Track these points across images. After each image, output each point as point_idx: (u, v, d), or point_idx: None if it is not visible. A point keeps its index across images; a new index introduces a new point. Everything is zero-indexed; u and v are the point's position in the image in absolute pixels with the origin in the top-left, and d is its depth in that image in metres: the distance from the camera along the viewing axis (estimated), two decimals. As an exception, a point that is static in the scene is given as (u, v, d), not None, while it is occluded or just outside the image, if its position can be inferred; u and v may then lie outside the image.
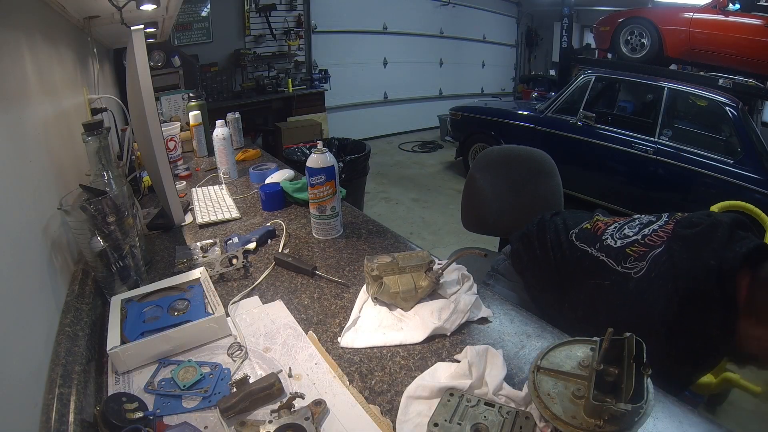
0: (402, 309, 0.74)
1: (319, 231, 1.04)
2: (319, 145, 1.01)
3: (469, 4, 6.73)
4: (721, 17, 3.72)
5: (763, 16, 3.50)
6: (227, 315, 0.74)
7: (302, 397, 0.55)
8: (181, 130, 1.79)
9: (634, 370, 0.47)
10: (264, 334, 0.71)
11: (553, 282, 0.92)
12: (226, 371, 0.62)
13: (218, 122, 1.50)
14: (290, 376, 0.61)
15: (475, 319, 0.72)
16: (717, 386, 1.45)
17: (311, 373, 0.62)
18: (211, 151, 1.79)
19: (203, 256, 0.97)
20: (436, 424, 0.49)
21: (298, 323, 0.73)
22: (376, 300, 0.76)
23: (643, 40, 4.19)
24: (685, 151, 2.97)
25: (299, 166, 1.42)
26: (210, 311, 0.72)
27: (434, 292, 0.76)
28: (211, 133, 1.50)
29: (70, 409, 0.51)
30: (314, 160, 0.98)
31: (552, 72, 7.32)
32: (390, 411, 0.56)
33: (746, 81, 3.44)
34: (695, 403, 1.52)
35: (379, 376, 0.62)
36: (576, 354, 0.54)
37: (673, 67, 4.28)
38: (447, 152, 5.37)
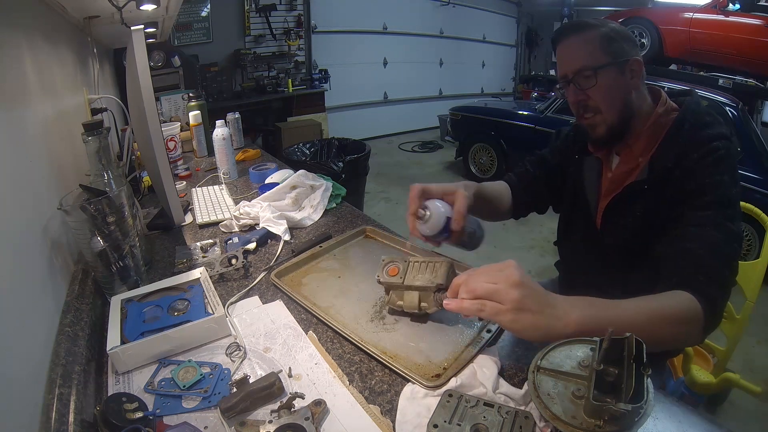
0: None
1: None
2: (420, 211, 0.78)
3: (469, 4, 6.73)
4: (721, 17, 3.72)
5: (763, 16, 3.50)
6: (227, 315, 0.74)
7: (302, 397, 0.55)
8: (181, 130, 1.79)
9: (634, 370, 0.47)
10: (264, 334, 0.71)
11: None
12: (226, 371, 0.62)
13: (218, 122, 1.50)
14: (290, 376, 0.62)
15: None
16: (717, 386, 1.45)
17: (311, 373, 0.62)
18: (211, 151, 1.79)
19: (203, 256, 0.97)
20: (435, 426, 0.49)
21: (298, 323, 0.73)
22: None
23: (643, 40, 4.19)
24: (685, 151, 2.96)
25: (299, 166, 1.42)
26: (210, 311, 0.72)
27: None
28: (211, 133, 1.50)
29: (70, 409, 0.51)
30: (425, 229, 0.79)
31: (552, 72, 7.32)
32: (390, 411, 0.56)
33: (746, 81, 3.44)
34: (695, 403, 1.52)
35: (379, 376, 0.62)
36: (576, 354, 0.54)
37: (673, 67, 4.28)
38: (447, 152, 5.38)
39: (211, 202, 1.26)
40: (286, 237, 1.03)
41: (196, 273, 0.82)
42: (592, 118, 0.87)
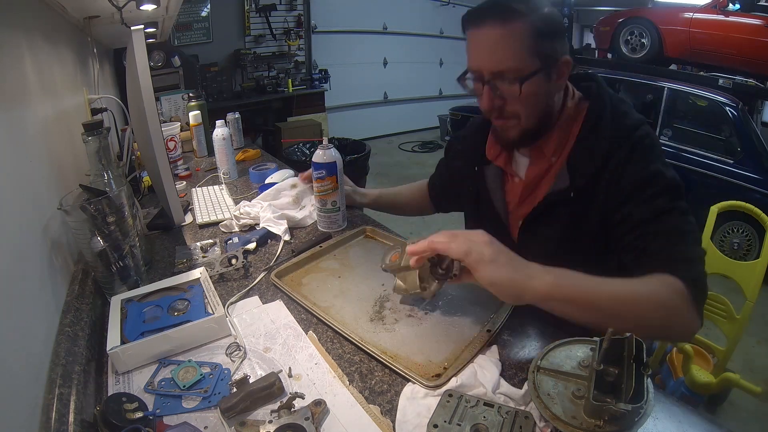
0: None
1: (321, 222, 1.07)
2: (325, 141, 1.03)
3: (470, 4, 6.71)
4: (721, 17, 3.72)
5: (763, 16, 3.50)
6: (227, 315, 0.74)
7: (302, 397, 0.55)
8: (181, 130, 1.79)
9: (634, 370, 0.47)
10: (264, 334, 0.71)
11: None
12: (226, 371, 0.62)
13: (218, 122, 1.50)
14: (290, 376, 0.62)
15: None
16: (717, 386, 1.45)
17: (311, 373, 0.62)
18: (211, 151, 1.79)
19: (203, 256, 0.97)
20: (435, 426, 0.49)
21: (298, 323, 0.73)
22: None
23: (643, 40, 4.19)
24: (685, 151, 2.97)
25: (299, 166, 1.42)
26: (210, 311, 0.72)
27: None
28: (211, 133, 1.50)
29: (70, 409, 0.51)
30: (318, 156, 1.01)
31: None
32: (390, 411, 0.56)
33: (746, 81, 3.44)
34: (695, 403, 1.52)
35: (379, 376, 0.62)
36: (576, 354, 0.55)
37: (673, 67, 4.28)
38: (447, 152, 5.37)
39: (211, 202, 1.26)
40: (286, 237, 1.03)
41: (196, 273, 0.82)
42: (506, 122, 0.78)
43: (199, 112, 1.80)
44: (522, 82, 0.70)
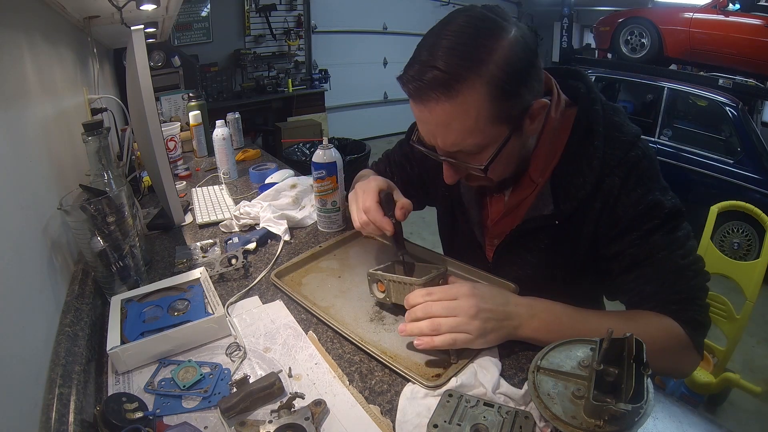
0: None
1: (321, 222, 1.07)
2: (325, 141, 1.02)
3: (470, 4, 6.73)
4: (721, 17, 3.72)
5: (763, 16, 3.50)
6: (227, 315, 0.74)
7: (302, 397, 0.55)
8: (181, 130, 1.80)
9: (634, 370, 0.47)
10: (264, 334, 0.71)
11: None
12: (226, 371, 0.62)
13: (218, 122, 1.50)
14: (290, 376, 0.62)
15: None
16: (717, 386, 1.46)
17: (311, 373, 0.62)
18: (211, 151, 1.79)
19: (203, 256, 0.97)
20: (435, 426, 0.49)
21: (298, 323, 0.73)
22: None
23: (643, 40, 4.20)
24: (685, 151, 2.97)
25: (299, 166, 1.42)
26: (210, 311, 0.72)
27: None
28: (211, 133, 1.50)
29: (70, 409, 0.51)
30: (318, 156, 1.01)
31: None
32: (390, 411, 0.56)
33: (746, 81, 3.44)
34: (695, 403, 1.52)
35: (379, 376, 0.62)
36: (576, 354, 0.54)
37: (673, 67, 4.28)
38: (447, 152, 5.36)
39: (211, 202, 1.26)
40: (286, 237, 1.03)
41: (196, 273, 0.82)
42: (477, 182, 0.73)
43: (199, 112, 1.80)
44: (487, 167, 0.62)
